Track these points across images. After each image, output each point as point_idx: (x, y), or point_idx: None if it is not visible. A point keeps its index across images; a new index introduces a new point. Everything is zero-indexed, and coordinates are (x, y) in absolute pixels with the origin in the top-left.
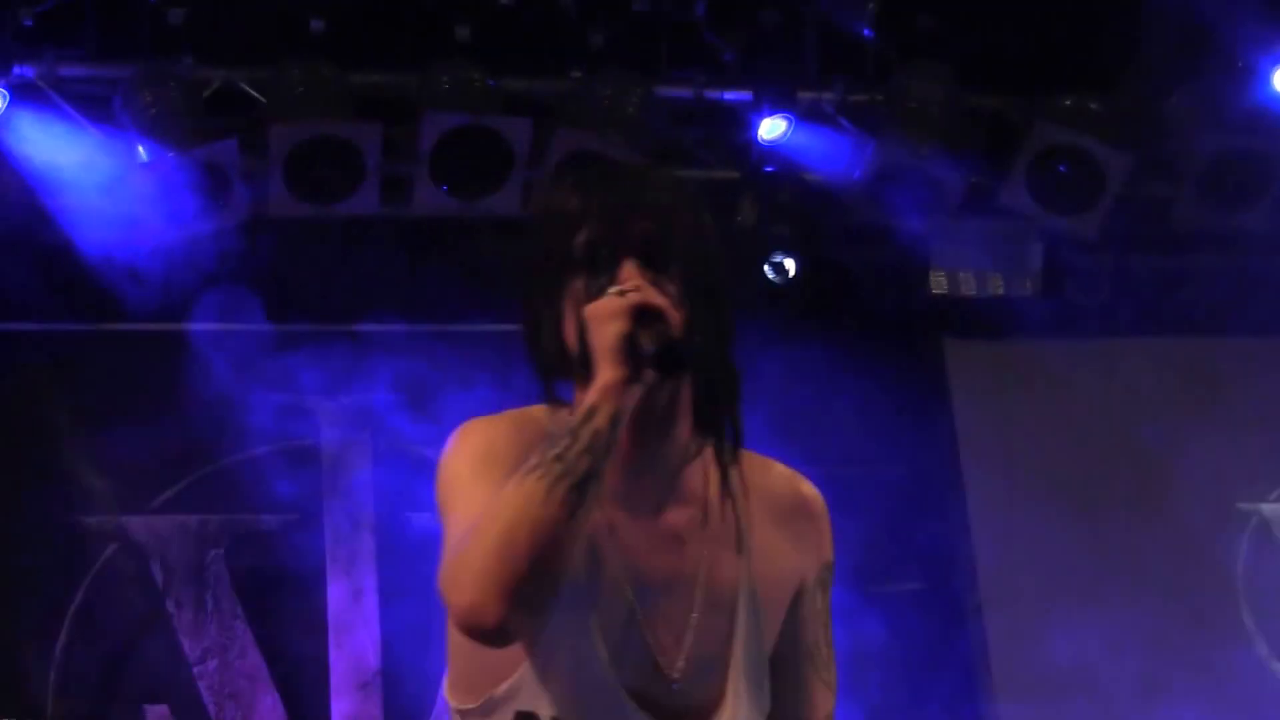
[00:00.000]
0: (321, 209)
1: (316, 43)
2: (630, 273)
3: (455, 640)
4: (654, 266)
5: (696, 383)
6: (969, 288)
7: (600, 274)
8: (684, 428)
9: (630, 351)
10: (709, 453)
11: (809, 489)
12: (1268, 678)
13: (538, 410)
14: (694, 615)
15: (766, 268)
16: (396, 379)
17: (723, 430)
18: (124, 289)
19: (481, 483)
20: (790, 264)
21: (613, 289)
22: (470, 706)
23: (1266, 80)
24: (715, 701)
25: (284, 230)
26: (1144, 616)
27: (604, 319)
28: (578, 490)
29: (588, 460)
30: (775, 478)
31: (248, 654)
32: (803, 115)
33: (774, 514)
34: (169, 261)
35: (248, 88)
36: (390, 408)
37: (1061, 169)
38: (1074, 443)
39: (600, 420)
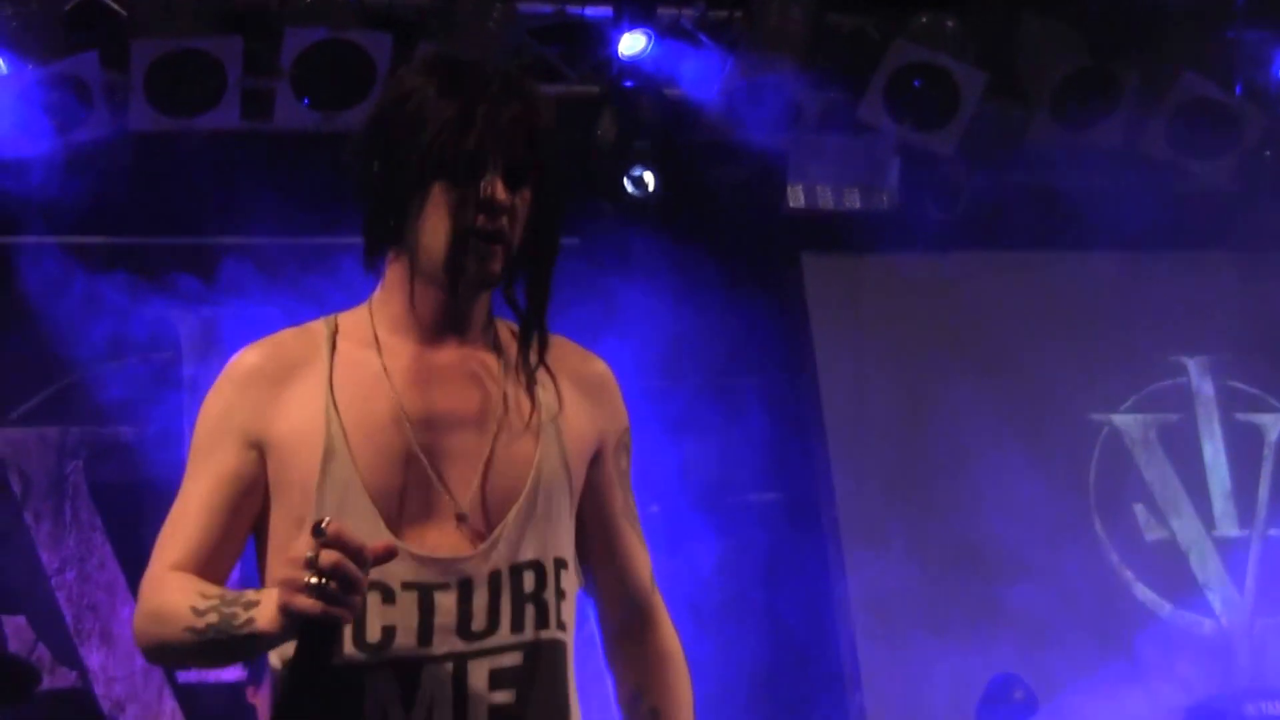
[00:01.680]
0: (183, 123)
1: None
2: (495, 188)
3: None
4: (514, 183)
5: (523, 274)
6: (826, 202)
7: (466, 183)
8: (486, 301)
9: (296, 624)
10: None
11: (602, 363)
12: (1119, 585)
13: (318, 323)
14: (488, 450)
15: (626, 182)
16: (259, 292)
17: (530, 336)
18: None
19: (195, 469)
20: (650, 178)
21: (319, 562)
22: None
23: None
24: (492, 529)
25: (146, 144)
26: (999, 526)
27: (285, 599)
28: (224, 663)
29: (235, 657)
30: (570, 351)
31: (106, 565)
32: (662, 31)
33: (572, 379)
34: (31, 174)
35: (109, 1)
36: (251, 322)
37: (917, 85)
38: (929, 356)
39: (256, 644)
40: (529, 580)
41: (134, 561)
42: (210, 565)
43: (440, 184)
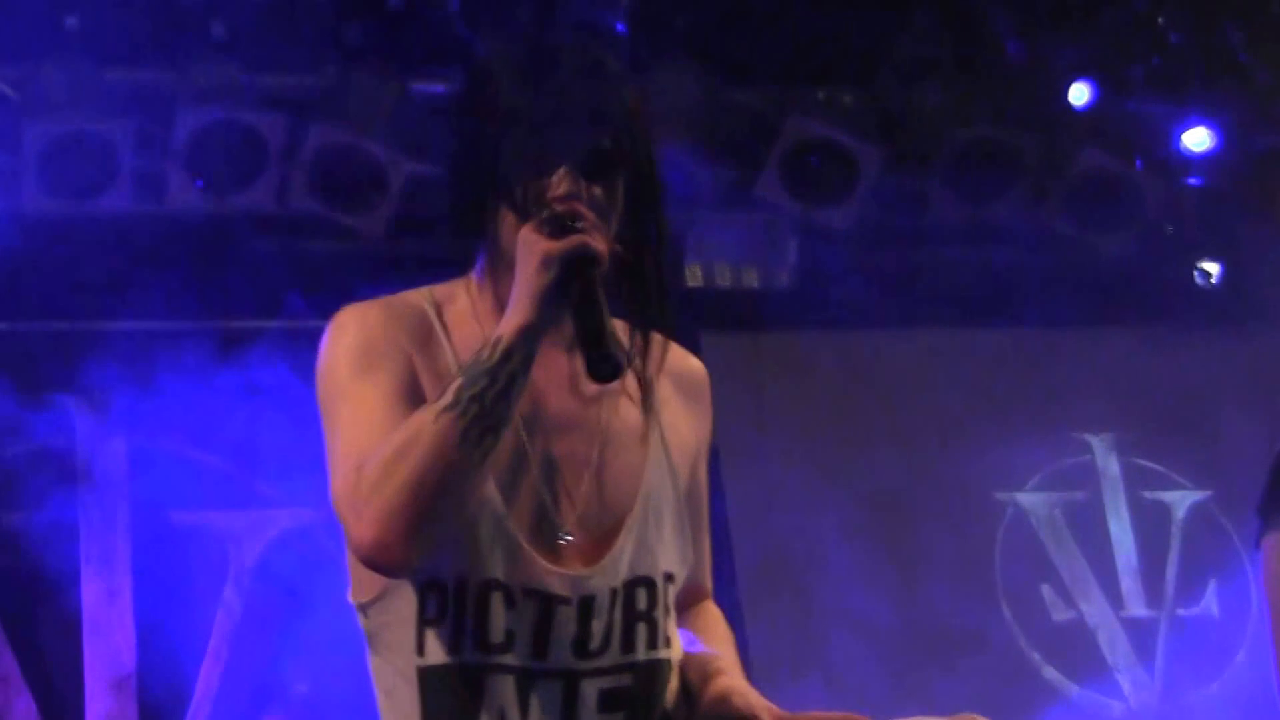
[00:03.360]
0: (75, 206)
1: (72, 40)
2: (565, 180)
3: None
4: (593, 175)
5: (625, 272)
6: (724, 280)
7: (540, 175)
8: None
9: (554, 299)
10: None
11: (699, 363)
12: (1026, 667)
13: (414, 296)
14: (594, 456)
15: None
16: (150, 379)
17: (650, 318)
18: None
19: (363, 381)
20: None
21: (552, 203)
22: (371, 598)
23: (1026, 77)
24: (608, 543)
25: (37, 227)
26: (903, 606)
27: (536, 257)
28: (494, 435)
29: (504, 406)
30: (674, 351)
31: (2, 657)
32: None
33: (673, 381)
34: None
35: (1, 85)
36: (146, 408)
37: (815, 162)
38: (831, 435)
39: (517, 362)
40: (642, 599)
41: (29, 651)
42: None
43: (514, 174)
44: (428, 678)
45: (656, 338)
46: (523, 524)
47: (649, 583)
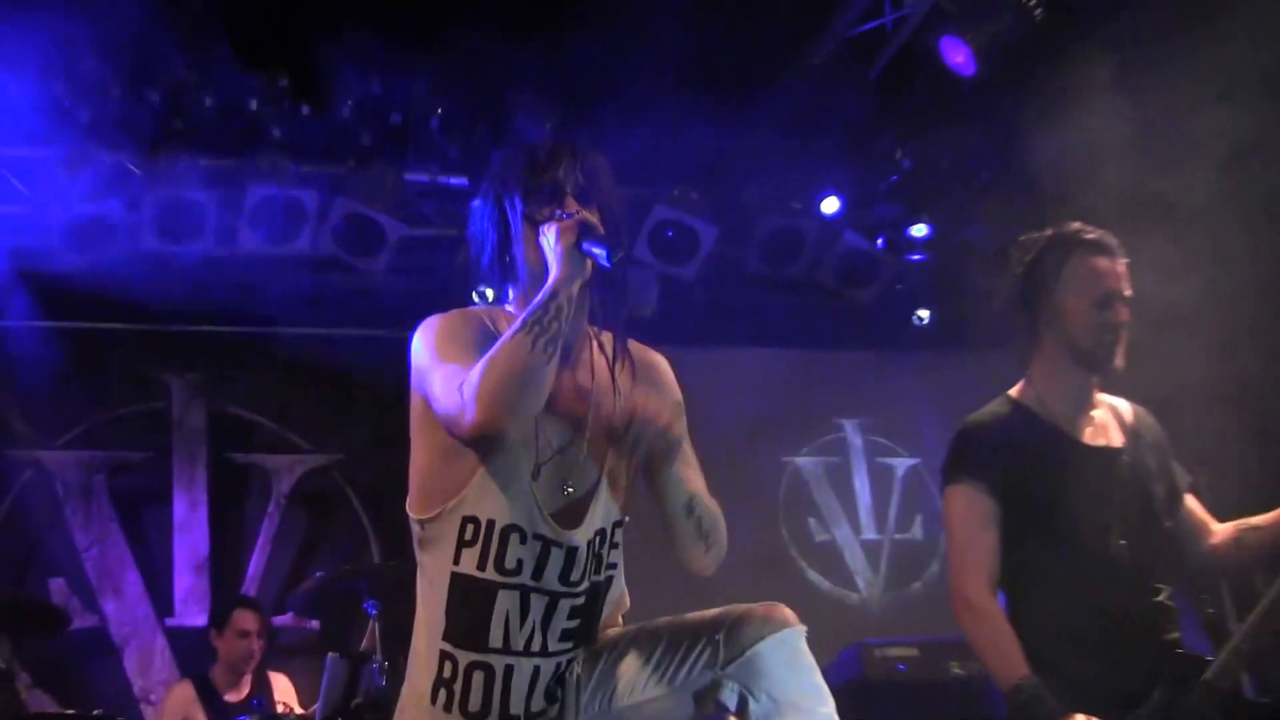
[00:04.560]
0: (174, 247)
1: (175, 135)
2: (570, 203)
3: (420, 465)
4: (583, 201)
5: (599, 286)
6: None
7: (551, 204)
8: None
9: (580, 252)
10: (591, 330)
11: (659, 355)
12: (796, 571)
13: (475, 310)
14: (585, 442)
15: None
16: (221, 366)
17: (621, 318)
18: None
19: (452, 346)
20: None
21: (561, 213)
22: (427, 516)
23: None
24: (585, 508)
25: (147, 260)
26: None
27: (564, 231)
28: (554, 343)
29: (557, 324)
30: (638, 349)
31: (119, 545)
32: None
33: (642, 372)
34: None
35: (130, 165)
36: (219, 385)
37: (670, 235)
38: None
39: (563, 299)
40: (598, 542)
41: (138, 543)
42: None
43: (530, 208)
44: (457, 580)
45: (632, 345)
46: (540, 491)
47: (603, 532)
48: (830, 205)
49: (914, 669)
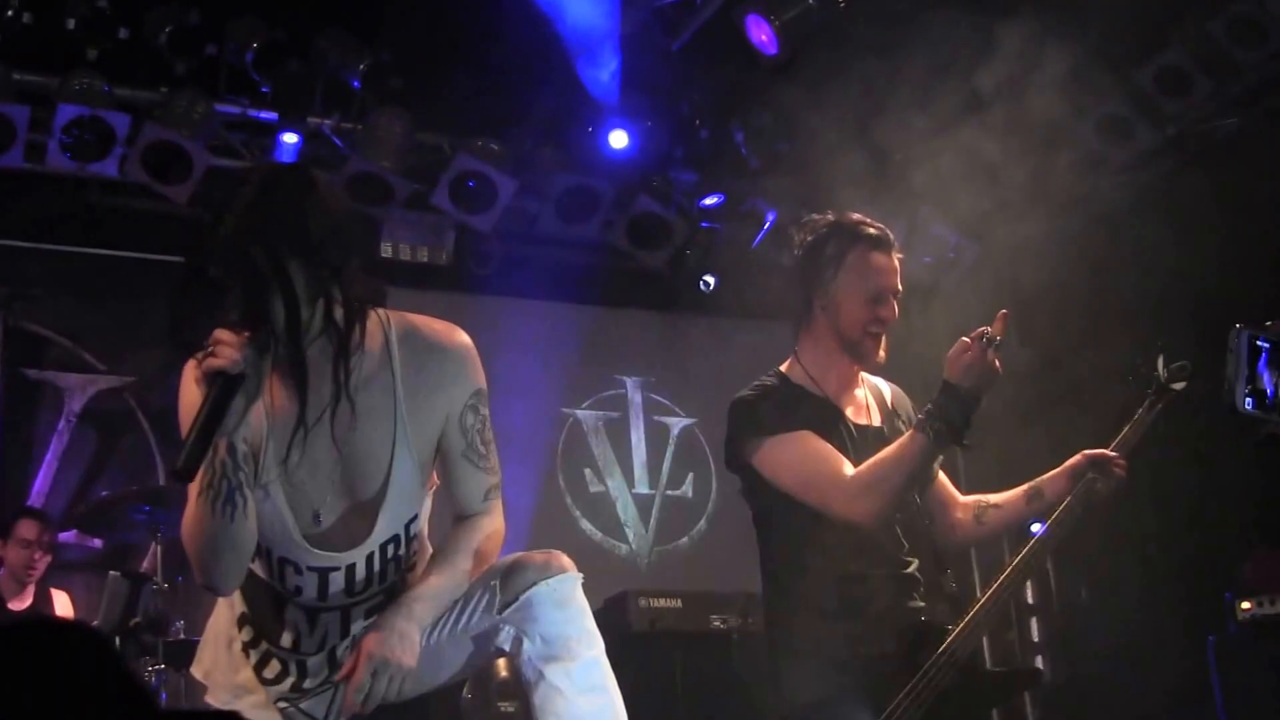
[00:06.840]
0: None
1: None
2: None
3: None
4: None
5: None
6: (406, 255)
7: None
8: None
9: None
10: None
11: (453, 338)
12: (570, 521)
13: None
14: (339, 471)
15: None
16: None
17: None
18: None
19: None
20: None
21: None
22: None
23: (601, 136)
24: (368, 524)
25: None
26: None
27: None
28: (230, 501)
29: (224, 480)
30: (418, 332)
31: None
32: (308, 134)
33: (416, 363)
34: None
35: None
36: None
37: (470, 185)
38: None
39: (222, 451)
40: (390, 549)
41: None
42: None
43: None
44: (254, 579)
45: (403, 316)
46: (302, 524)
47: (395, 538)
48: (618, 139)
49: (676, 619)
